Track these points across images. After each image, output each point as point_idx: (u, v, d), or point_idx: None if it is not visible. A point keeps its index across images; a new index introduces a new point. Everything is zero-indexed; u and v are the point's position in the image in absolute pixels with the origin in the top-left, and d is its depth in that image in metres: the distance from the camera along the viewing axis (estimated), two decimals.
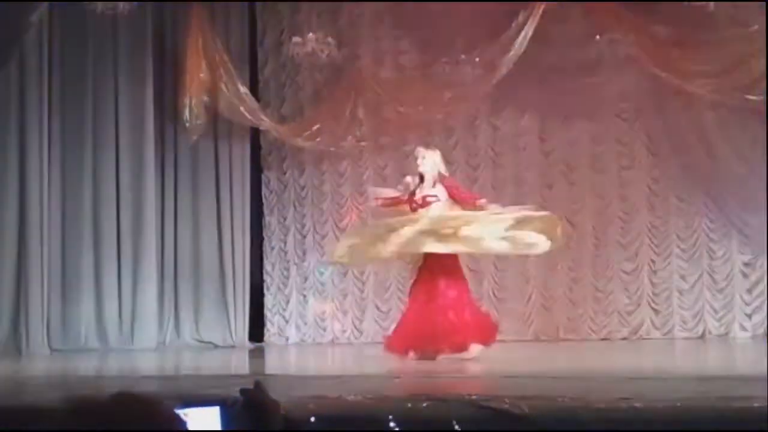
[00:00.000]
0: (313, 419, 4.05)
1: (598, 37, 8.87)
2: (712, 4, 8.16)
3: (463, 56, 9.26)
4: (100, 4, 8.57)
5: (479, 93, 9.34)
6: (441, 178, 7.45)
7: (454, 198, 7.50)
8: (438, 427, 4.07)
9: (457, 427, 4.08)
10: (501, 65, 9.06)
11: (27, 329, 8.86)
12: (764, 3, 8.18)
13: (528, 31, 8.95)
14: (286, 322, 9.84)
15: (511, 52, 9.01)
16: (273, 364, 8.41)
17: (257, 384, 2.20)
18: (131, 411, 1.82)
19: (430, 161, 7.43)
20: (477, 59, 9.22)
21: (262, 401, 2.17)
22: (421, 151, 7.57)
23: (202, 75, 9.39)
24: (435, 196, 7.37)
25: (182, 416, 2.01)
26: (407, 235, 7.21)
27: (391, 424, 4.14)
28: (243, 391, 2.18)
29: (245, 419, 2.14)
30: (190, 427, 2.01)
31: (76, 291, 9.27)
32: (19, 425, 2.94)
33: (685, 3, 8.24)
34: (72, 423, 1.82)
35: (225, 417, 2.28)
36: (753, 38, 8.60)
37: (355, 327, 9.72)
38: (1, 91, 9.08)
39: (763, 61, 8.47)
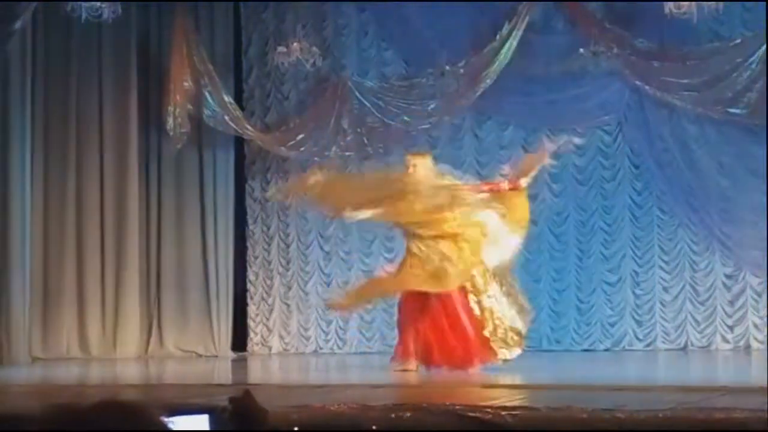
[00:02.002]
0: (296, 429, 4.04)
1: (581, 50, 8.91)
2: (695, 17, 8.20)
3: (447, 67, 9.29)
4: (84, 12, 8.56)
5: (463, 104, 9.36)
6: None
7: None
8: None
9: None
10: (485, 76, 9.10)
11: (8, 337, 8.80)
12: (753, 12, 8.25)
13: (512, 42, 9.01)
14: (270, 331, 9.82)
15: (496, 64, 9.06)
16: (256, 373, 8.40)
17: (246, 392, 2.20)
18: (115, 418, 1.82)
19: (422, 168, 7.30)
20: (461, 70, 9.25)
21: (250, 409, 2.17)
22: (410, 159, 7.44)
23: (186, 84, 9.38)
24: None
25: (168, 424, 2.00)
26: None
27: None
28: (231, 400, 2.18)
29: (234, 427, 2.14)
30: None
31: (59, 299, 9.23)
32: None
33: (668, 17, 8.29)
34: (54, 430, 1.81)
35: (214, 425, 2.28)
36: (735, 52, 8.68)
37: (338, 337, 9.71)
38: None
39: (746, 74, 8.56)
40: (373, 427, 4.15)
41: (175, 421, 2.25)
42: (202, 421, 2.44)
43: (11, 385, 7.16)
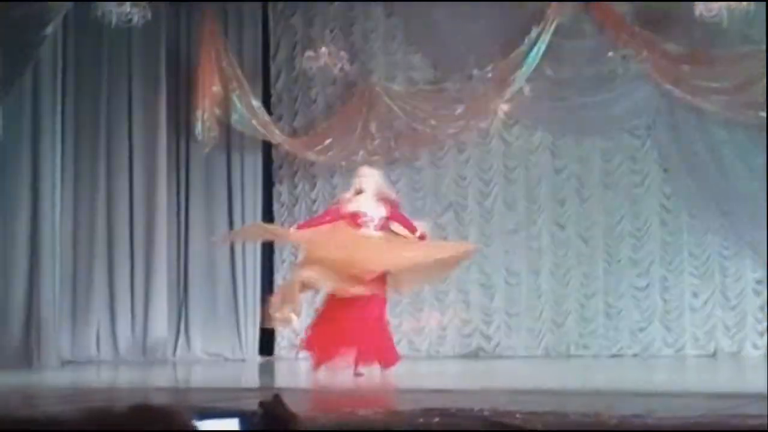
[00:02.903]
0: None
1: (610, 53, 8.87)
2: (725, 19, 8.14)
3: (475, 71, 9.27)
4: (114, 17, 8.63)
5: (491, 108, 9.34)
6: (384, 199, 7.54)
7: (395, 219, 7.63)
8: None
9: None
10: (513, 81, 9.08)
11: (38, 341, 8.86)
12: None
13: (541, 46, 8.98)
14: (297, 335, 9.82)
15: (524, 68, 9.04)
16: (283, 377, 8.41)
17: (276, 396, 2.20)
18: (148, 422, 1.83)
19: (372, 180, 7.56)
20: (489, 75, 9.23)
21: (280, 414, 2.17)
22: (363, 169, 7.75)
23: (214, 88, 9.43)
24: (366, 214, 7.43)
25: (199, 427, 2.01)
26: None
27: None
28: (262, 404, 2.18)
29: (263, 430, 2.15)
30: None
31: (88, 303, 9.29)
32: None
33: (698, 19, 8.23)
34: None
35: (244, 429, 2.28)
36: (765, 56, 8.59)
37: None
38: (15, 103, 9.11)
39: None
40: (401, 430, 4.14)
41: (206, 425, 2.26)
42: (232, 424, 2.44)
43: (42, 388, 7.23)
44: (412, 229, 7.67)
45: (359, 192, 7.54)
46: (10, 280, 8.93)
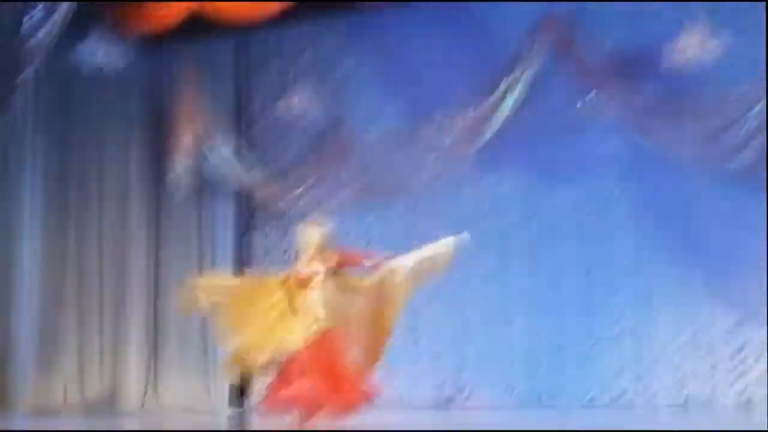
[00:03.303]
0: None
1: (579, 104, 8.92)
2: (697, 65, 8.19)
3: (447, 120, 9.30)
4: (87, 66, 8.65)
5: (464, 155, 9.36)
6: (322, 252, 7.18)
7: (344, 263, 7.27)
8: None
9: None
10: (486, 129, 9.11)
11: (5, 389, 8.81)
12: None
13: (514, 96, 9.01)
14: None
15: (497, 115, 9.07)
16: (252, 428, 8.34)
17: None
18: None
19: (304, 238, 7.26)
20: (461, 123, 9.26)
21: None
22: (299, 228, 7.45)
23: (187, 136, 9.44)
24: (313, 272, 7.15)
25: None
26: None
27: None
28: None
29: None
30: None
31: (56, 352, 9.25)
32: None
33: (667, 68, 8.28)
34: None
35: None
36: (735, 106, 8.63)
37: None
38: None
39: (744, 129, 8.52)
40: None
41: None
42: None
43: None
44: (360, 261, 7.47)
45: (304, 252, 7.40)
46: None
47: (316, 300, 7.15)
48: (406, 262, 7.28)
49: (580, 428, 7.31)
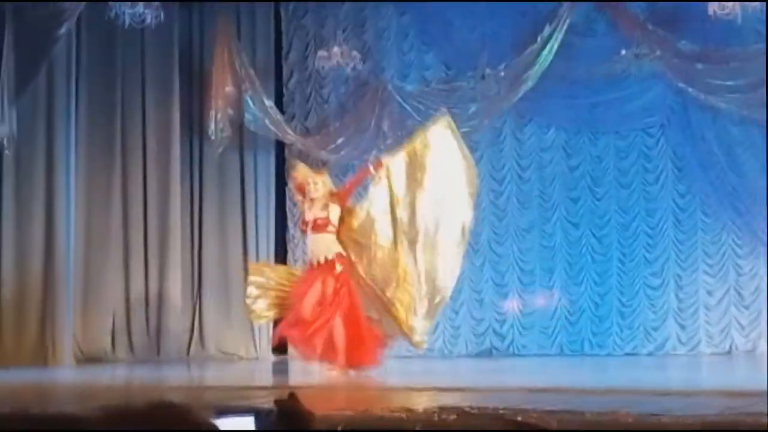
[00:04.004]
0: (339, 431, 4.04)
1: (623, 51, 8.84)
2: (739, 17, 8.09)
3: (488, 70, 9.25)
4: (127, 18, 8.64)
5: (504, 107, 9.32)
6: (332, 196, 7.40)
7: (349, 192, 7.56)
8: None
9: None
10: (526, 79, 9.06)
11: (53, 339, 8.91)
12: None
13: (553, 45, 8.95)
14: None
15: (536, 66, 9.02)
16: (297, 376, 8.40)
17: (291, 395, 2.20)
18: (167, 419, 1.83)
19: (322, 186, 7.42)
20: (502, 74, 9.21)
21: (297, 412, 2.17)
22: (311, 176, 7.55)
23: (227, 88, 9.45)
24: (326, 218, 7.34)
25: (217, 425, 2.01)
26: None
27: None
28: (277, 402, 2.18)
29: (280, 429, 2.15)
30: None
31: (103, 302, 9.33)
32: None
33: (712, 18, 8.19)
34: (111, 431, 1.82)
35: (260, 426, 2.28)
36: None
37: None
38: (28, 105, 9.16)
39: None
40: (417, 429, 4.14)
41: (222, 423, 2.26)
42: (248, 422, 2.44)
43: (57, 387, 7.26)
44: (362, 177, 7.63)
45: (312, 200, 7.42)
46: (25, 280, 8.98)
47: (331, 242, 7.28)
48: (401, 152, 7.51)
49: (625, 377, 7.30)
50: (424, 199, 7.43)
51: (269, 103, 9.49)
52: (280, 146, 9.96)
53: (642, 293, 9.13)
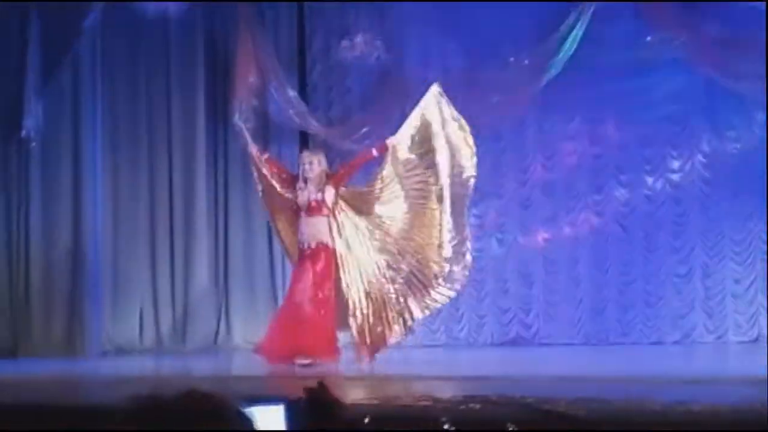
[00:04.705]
0: (367, 420, 4.06)
1: (649, 38, 8.77)
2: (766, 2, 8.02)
3: (511, 59, 9.21)
4: (151, 9, 8.69)
5: (528, 96, 9.28)
6: (328, 177, 7.47)
7: (348, 174, 7.60)
8: (492, 429, 4.07)
9: (511, 429, 4.06)
10: (550, 67, 9.01)
11: (82, 330, 9.00)
12: None
13: (578, 32, 8.89)
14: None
15: (561, 54, 8.96)
16: (323, 365, 8.42)
17: (321, 383, 2.21)
18: (198, 408, 1.84)
19: (317, 166, 7.48)
20: (526, 62, 9.16)
21: (326, 400, 2.18)
22: (306, 156, 7.66)
23: (251, 79, 9.45)
24: (321, 200, 7.38)
25: (249, 414, 2.02)
26: None
27: (445, 426, 4.14)
28: (307, 390, 2.19)
29: (310, 417, 2.16)
30: (256, 425, 2.02)
31: (130, 293, 9.40)
32: (85, 424, 2.98)
33: (738, 2, 8.12)
34: (141, 421, 1.83)
35: (290, 415, 2.29)
36: None
37: None
38: (55, 95, 9.24)
39: None
40: (444, 419, 4.15)
41: (253, 411, 2.27)
42: (277, 411, 2.45)
43: (86, 377, 7.32)
44: (362, 160, 7.71)
45: (306, 180, 7.45)
46: (53, 270, 9.07)
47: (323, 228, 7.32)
48: (403, 131, 7.61)
49: (648, 366, 7.27)
50: (439, 159, 7.51)
51: (293, 93, 9.49)
52: (304, 137, 9.97)
53: (668, 282, 9.08)
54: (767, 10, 8.08)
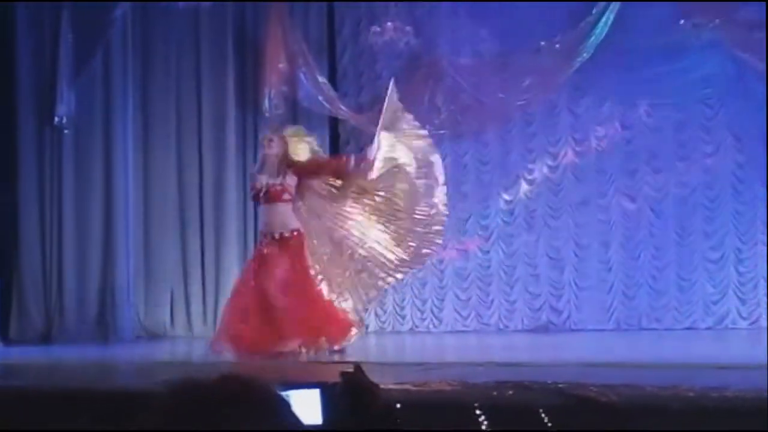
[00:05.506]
0: (399, 405, 4.07)
1: (681, 21, 8.69)
2: None
3: (542, 43, 9.16)
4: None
5: (559, 80, 9.23)
6: (290, 164, 7.09)
7: (314, 173, 7.17)
8: (524, 415, 4.06)
9: (543, 415, 4.05)
10: (582, 51, 8.96)
11: (114, 316, 9.08)
12: None
13: (609, 15, 8.83)
14: (365, 310, 9.87)
15: (592, 38, 8.91)
16: (354, 351, 8.45)
17: (357, 367, 2.22)
18: (237, 393, 1.84)
19: (276, 146, 7.09)
20: (557, 46, 9.11)
21: (361, 384, 2.19)
22: (267, 135, 7.34)
23: (281, 65, 9.47)
24: (281, 185, 7.05)
25: (285, 396, 2.03)
26: None
27: (477, 412, 4.14)
28: (343, 374, 2.20)
29: (345, 401, 2.16)
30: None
31: (161, 278, 9.47)
32: (119, 409, 3.00)
33: None
34: (177, 405, 1.84)
35: (325, 399, 2.30)
36: None
37: (434, 316, 9.71)
38: (87, 83, 9.31)
39: None
40: (475, 404, 4.15)
41: (289, 395, 2.28)
42: (313, 395, 2.46)
43: (119, 362, 7.39)
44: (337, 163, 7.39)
45: (263, 160, 7.18)
46: (86, 256, 9.17)
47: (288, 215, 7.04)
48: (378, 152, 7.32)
49: (681, 352, 7.22)
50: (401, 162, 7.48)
51: (322, 79, 9.49)
52: (334, 123, 9.98)
53: (701, 267, 9.01)
54: (767, 10, 8.00)
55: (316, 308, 7.13)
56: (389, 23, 9.16)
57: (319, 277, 7.35)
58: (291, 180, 7.13)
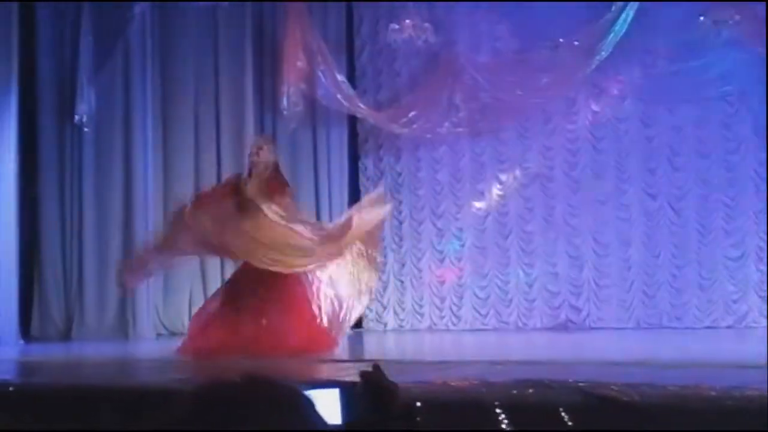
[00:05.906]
0: (418, 404, 4.06)
1: (701, 18, 8.64)
2: None
3: (561, 40, 9.12)
4: None
5: (578, 78, 9.19)
6: (273, 187, 7.06)
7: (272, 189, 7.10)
8: (545, 414, 4.05)
9: (563, 414, 4.04)
10: (600, 49, 8.92)
11: (134, 314, 9.12)
12: None
13: (629, 12, 8.79)
14: (384, 308, 9.88)
15: (611, 35, 8.87)
16: (372, 349, 8.45)
17: (376, 367, 2.21)
18: (262, 393, 1.84)
19: (265, 154, 7.08)
20: (576, 43, 9.08)
21: (381, 383, 2.18)
22: (259, 140, 7.34)
23: (299, 63, 9.48)
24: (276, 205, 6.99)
25: (308, 396, 2.03)
26: None
27: (497, 411, 4.13)
28: (362, 374, 2.19)
29: (365, 401, 2.16)
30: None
31: (180, 277, 9.49)
32: (139, 406, 3.01)
33: None
34: (203, 405, 1.84)
35: (345, 399, 2.30)
36: None
37: (453, 314, 9.70)
38: (106, 82, 9.34)
39: None
40: (496, 403, 4.13)
41: (310, 394, 2.28)
42: (333, 394, 2.46)
43: (140, 360, 7.41)
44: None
45: (250, 172, 7.11)
46: (106, 254, 9.19)
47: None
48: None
49: (702, 351, 7.18)
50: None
51: (341, 77, 9.50)
52: (353, 121, 9.98)
53: (722, 265, 8.95)
54: (767, 10, 7.94)
55: (300, 328, 7.09)
56: (408, 21, 9.14)
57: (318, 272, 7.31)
58: (281, 198, 7.11)
